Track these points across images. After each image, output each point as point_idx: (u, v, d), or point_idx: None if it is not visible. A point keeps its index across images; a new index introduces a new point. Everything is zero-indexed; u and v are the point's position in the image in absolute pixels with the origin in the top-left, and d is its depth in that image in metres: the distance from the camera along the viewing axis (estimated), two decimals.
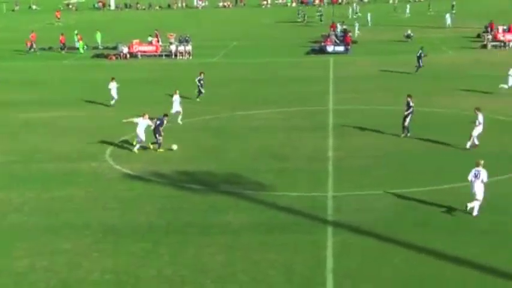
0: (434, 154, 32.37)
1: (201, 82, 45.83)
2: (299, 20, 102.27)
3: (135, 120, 34.11)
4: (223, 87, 51.00)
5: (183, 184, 28.90)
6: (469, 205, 24.38)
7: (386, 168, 30.52)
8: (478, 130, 32.62)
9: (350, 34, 73.52)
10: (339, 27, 79.29)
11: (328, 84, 51.23)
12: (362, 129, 37.22)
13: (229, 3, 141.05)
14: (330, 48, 70.26)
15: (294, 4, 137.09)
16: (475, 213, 24.34)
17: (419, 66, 55.29)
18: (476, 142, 32.70)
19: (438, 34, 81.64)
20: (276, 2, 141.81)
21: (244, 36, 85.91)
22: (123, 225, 24.55)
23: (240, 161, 32.06)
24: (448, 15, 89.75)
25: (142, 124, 33.74)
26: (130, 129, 35.12)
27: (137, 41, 71.83)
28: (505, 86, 45.21)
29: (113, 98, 44.80)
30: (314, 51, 71.14)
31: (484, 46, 69.69)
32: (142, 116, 34.01)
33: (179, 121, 39.44)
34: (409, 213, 24.94)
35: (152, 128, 33.74)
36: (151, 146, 34.01)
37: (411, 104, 35.50)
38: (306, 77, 55.30)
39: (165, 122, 34.16)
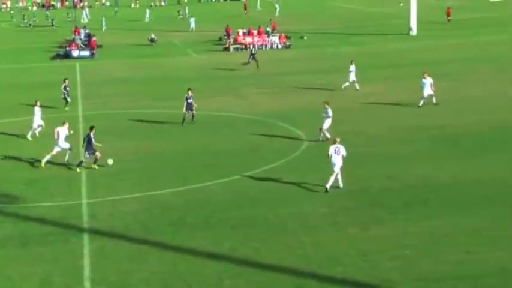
0: (186, 155, 33.23)
1: (67, 89, 43.80)
2: (21, 25, 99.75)
3: (56, 130, 31.64)
4: None
5: None
6: (329, 184, 26.83)
7: (140, 171, 30.86)
8: (327, 123, 34.19)
9: (94, 38, 73.01)
10: (83, 32, 78.53)
11: (76, 90, 50.48)
12: (113, 134, 37.21)
13: None
14: (75, 53, 69.39)
15: (35, 8, 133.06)
16: (328, 185, 26.84)
17: (250, 60, 58.37)
18: (328, 135, 33.67)
19: (182, 38, 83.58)
20: (17, 5, 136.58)
21: None
22: None
23: None
24: (192, 19, 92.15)
25: (63, 133, 31.58)
26: None
27: None
28: (347, 84, 47.01)
29: None
30: (59, 56, 69.75)
31: (227, 49, 72.53)
32: (62, 124, 31.85)
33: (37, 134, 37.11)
34: (164, 214, 25.46)
35: (83, 146, 31.22)
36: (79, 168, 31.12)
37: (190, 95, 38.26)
38: (52, 82, 53.95)
39: (92, 136, 31.12)
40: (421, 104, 40.95)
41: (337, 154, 26.99)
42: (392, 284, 19.47)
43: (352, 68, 46.98)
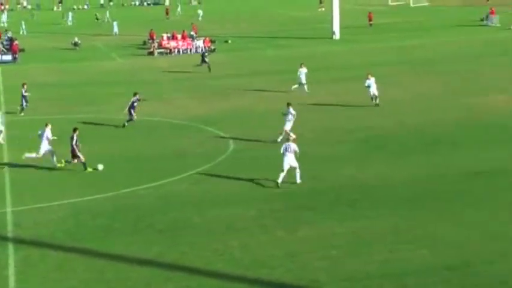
0: (114, 160, 32.92)
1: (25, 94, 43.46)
2: None
3: (46, 134, 31.25)
4: None
5: None
6: (299, 179, 28.12)
7: (67, 177, 30.46)
8: (290, 124, 34.56)
9: (16, 42, 71.65)
10: (5, 36, 77.01)
11: None
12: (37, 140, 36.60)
13: None
14: None
15: None
16: (298, 180, 28.20)
17: (203, 63, 58.47)
18: (286, 136, 33.24)
19: (106, 42, 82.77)
20: None
21: None
22: None
23: None
24: (115, 23, 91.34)
25: (46, 134, 31.11)
26: None
27: None
28: (296, 86, 46.75)
29: None
30: None
31: (151, 53, 72.20)
32: (46, 125, 31.35)
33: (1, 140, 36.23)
34: (91, 221, 25.20)
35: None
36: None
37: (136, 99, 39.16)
38: None
39: (75, 137, 30.77)
40: (377, 102, 42.10)
41: (288, 152, 27.91)
42: (319, 284, 19.77)
43: (301, 70, 47.15)
